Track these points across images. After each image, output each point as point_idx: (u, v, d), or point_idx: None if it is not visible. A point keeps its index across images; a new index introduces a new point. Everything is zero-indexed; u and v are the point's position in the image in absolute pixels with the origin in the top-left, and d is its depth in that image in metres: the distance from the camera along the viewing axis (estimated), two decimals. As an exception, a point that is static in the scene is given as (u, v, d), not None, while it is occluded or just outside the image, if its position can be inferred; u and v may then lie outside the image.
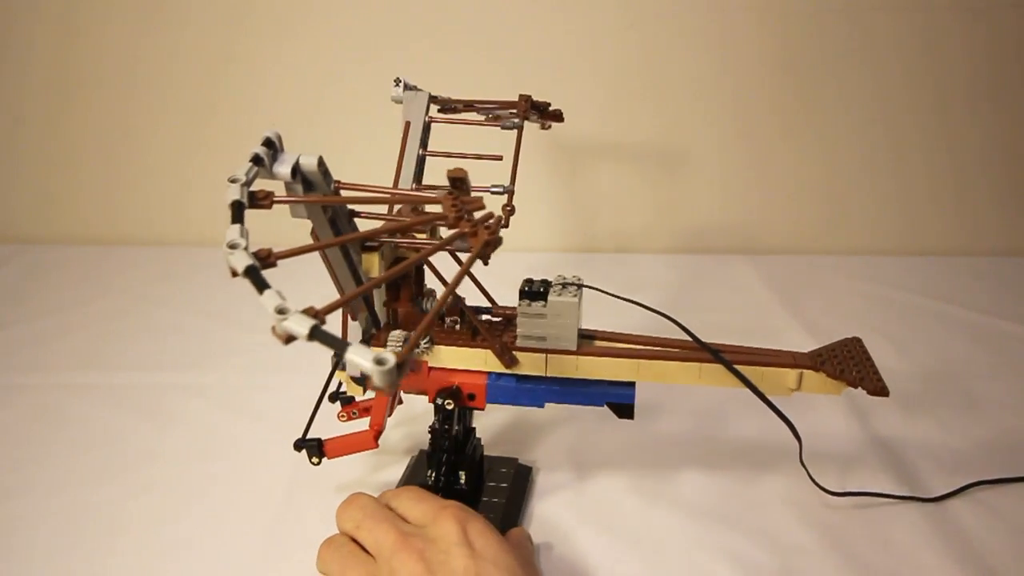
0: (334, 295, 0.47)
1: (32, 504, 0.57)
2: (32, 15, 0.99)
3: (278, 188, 0.38)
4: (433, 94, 0.58)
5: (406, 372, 0.28)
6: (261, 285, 0.30)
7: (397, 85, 0.56)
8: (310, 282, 0.45)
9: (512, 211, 0.51)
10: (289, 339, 0.29)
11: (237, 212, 0.32)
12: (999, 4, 0.93)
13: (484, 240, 0.31)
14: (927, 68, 0.97)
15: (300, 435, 0.52)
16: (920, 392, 0.70)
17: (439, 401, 0.49)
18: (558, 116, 0.60)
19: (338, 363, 0.50)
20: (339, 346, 0.27)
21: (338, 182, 0.41)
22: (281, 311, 0.29)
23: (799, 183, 1.03)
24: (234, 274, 0.31)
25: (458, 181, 0.38)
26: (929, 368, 0.75)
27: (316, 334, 0.28)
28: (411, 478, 0.58)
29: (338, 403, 0.54)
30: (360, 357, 0.27)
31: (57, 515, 0.56)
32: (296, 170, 0.38)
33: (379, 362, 0.27)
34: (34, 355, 0.79)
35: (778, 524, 0.54)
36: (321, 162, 0.39)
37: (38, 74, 1.03)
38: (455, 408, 0.49)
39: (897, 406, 0.67)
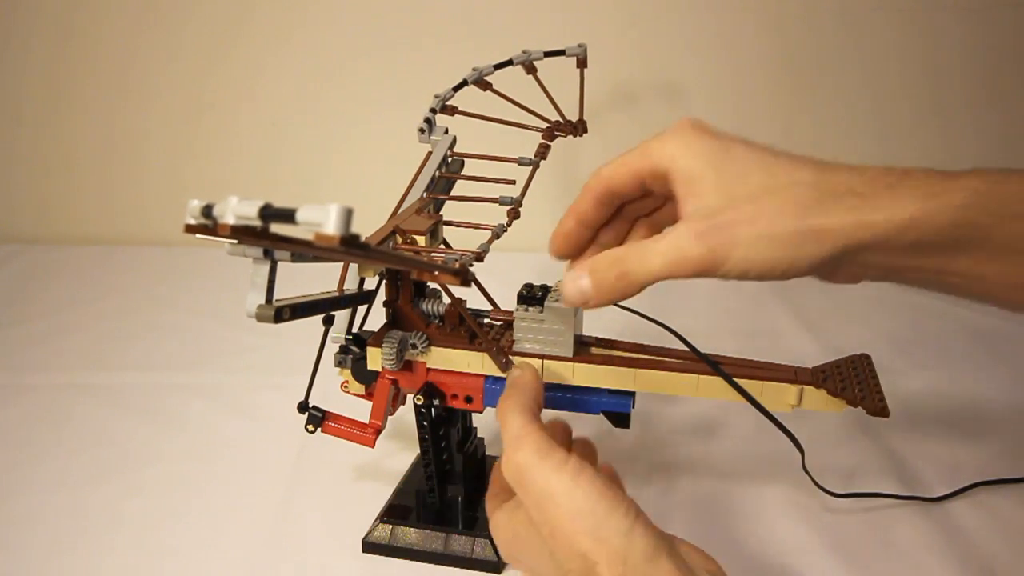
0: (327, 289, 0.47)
1: (32, 503, 0.57)
2: (30, 15, 0.99)
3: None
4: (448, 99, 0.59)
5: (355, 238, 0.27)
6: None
7: (423, 132, 0.56)
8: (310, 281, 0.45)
9: (517, 216, 0.51)
10: (236, 230, 0.28)
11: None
12: (998, 4, 0.93)
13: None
14: (925, 68, 0.97)
15: (300, 434, 0.52)
16: (921, 392, 0.70)
17: (417, 402, 0.48)
18: (579, 129, 0.60)
19: (329, 327, 0.50)
20: (288, 212, 0.27)
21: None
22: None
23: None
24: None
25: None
26: (930, 368, 0.75)
27: (267, 211, 0.27)
28: (413, 474, 0.58)
29: (340, 375, 0.52)
30: (313, 209, 0.27)
31: (57, 514, 0.56)
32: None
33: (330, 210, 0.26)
34: (34, 355, 0.79)
35: (780, 525, 0.54)
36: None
37: (37, 74, 1.03)
38: (428, 406, 0.48)
39: (898, 407, 0.67)
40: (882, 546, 0.52)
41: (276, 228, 0.28)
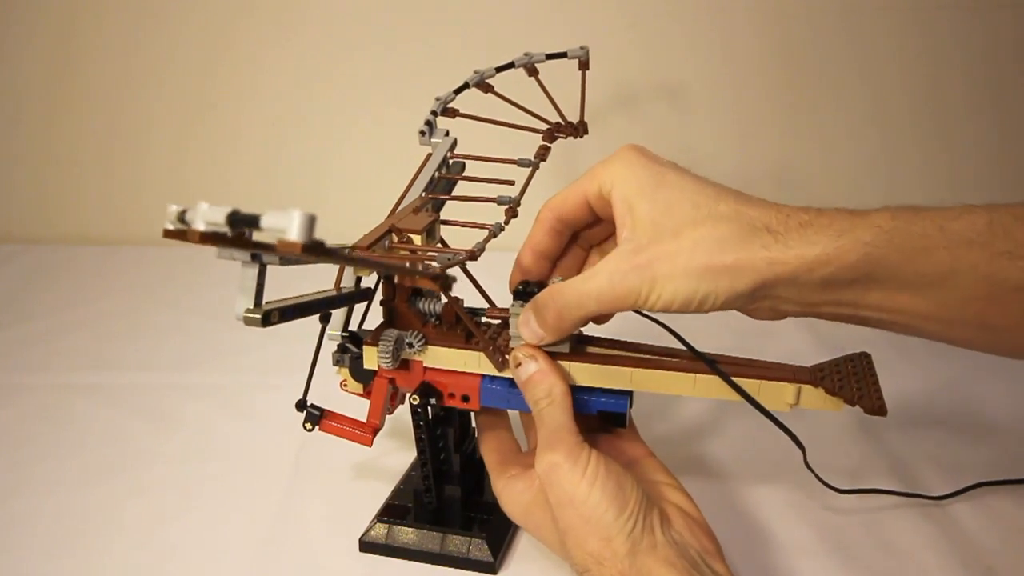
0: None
1: (32, 503, 0.57)
2: (30, 15, 0.99)
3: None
4: (441, 97, 0.59)
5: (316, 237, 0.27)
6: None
7: (424, 135, 0.56)
8: (311, 281, 0.46)
9: (515, 215, 0.51)
10: (205, 237, 0.28)
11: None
12: (998, 4, 0.93)
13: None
14: (924, 69, 0.97)
15: (299, 434, 0.52)
16: (923, 392, 0.70)
17: (413, 401, 0.48)
18: (580, 130, 0.60)
19: (326, 324, 0.50)
20: (253, 218, 0.27)
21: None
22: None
23: (796, 184, 1.03)
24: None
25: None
26: (931, 368, 0.74)
27: (235, 217, 0.27)
28: (412, 473, 0.58)
29: (339, 374, 0.52)
30: (276, 216, 0.26)
31: (57, 514, 0.56)
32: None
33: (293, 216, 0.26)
34: (34, 355, 0.79)
35: (779, 525, 0.54)
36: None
37: (37, 74, 1.03)
38: (424, 406, 0.48)
39: (899, 407, 0.67)
40: (883, 545, 0.52)
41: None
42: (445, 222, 0.50)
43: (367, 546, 0.52)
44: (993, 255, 0.35)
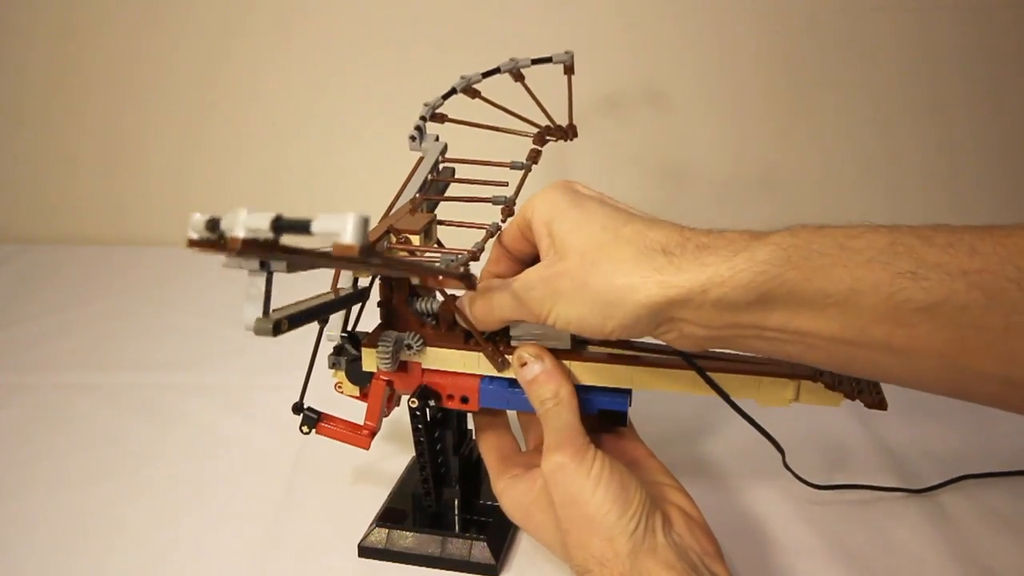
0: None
1: (32, 504, 0.58)
2: (30, 16, 0.99)
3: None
4: (438, 98, 0.59)
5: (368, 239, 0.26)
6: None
7: (414, 140, 0.56)
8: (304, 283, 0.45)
9: (511, 214, 0.51)
10: (248, 244, 0.28)
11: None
12: (998, 4, 0.92)
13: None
14: (924, 69, 0.96)
15: (299, 435, 0.52)
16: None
17: (412, 404, 0.48)
18: (570, 134, 0.60)
19: (323, 326, 0.50)
20: (303, 223, 0.26)
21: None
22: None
23: (794, 184, 1.03)
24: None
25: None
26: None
27: (280, 223, 0.26)
28: (409, 477, 0.58)
29: (334, 377, 0.52)
30: (329, 219, 0.26)
31: (57, 515, 0.56)
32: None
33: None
34: (34, 355, 0.79)
35: (768, 521, 0.54)
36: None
37: (38, 74, 1.03)
38: (422, 408, 0.48)
39: (892, 400, 0.67)
40: (870, 538, 0.53)
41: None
42: (442, 222, 0.50)
43: (366, 551, 0.52)
44: (895, 274, 0.34)
